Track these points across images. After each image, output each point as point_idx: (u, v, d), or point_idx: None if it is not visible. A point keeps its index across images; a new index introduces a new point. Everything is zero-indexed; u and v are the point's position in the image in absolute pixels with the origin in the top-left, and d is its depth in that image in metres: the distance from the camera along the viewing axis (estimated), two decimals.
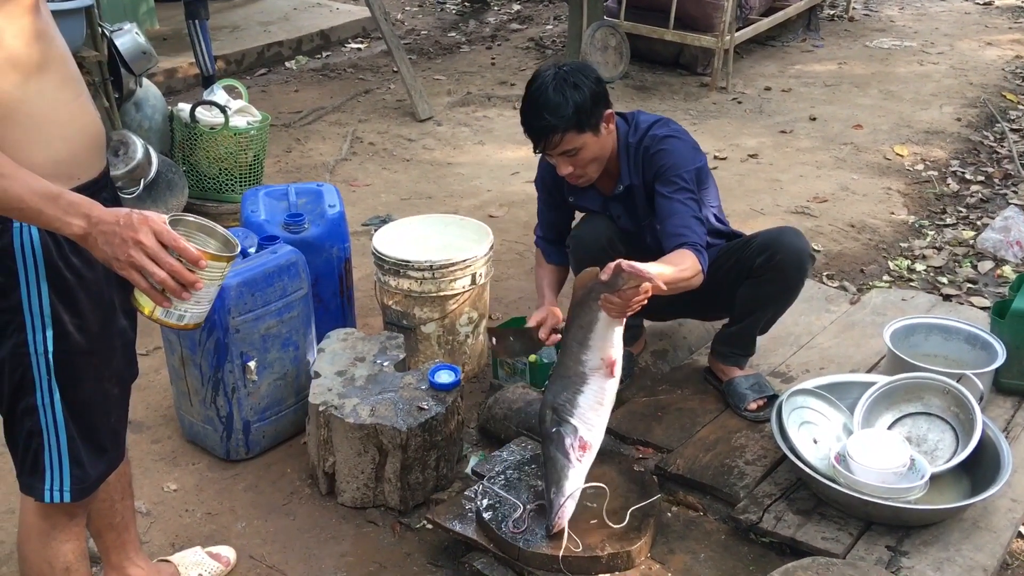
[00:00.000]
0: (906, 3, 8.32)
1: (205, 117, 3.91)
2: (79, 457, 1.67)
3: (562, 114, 2.31)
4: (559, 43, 7.10)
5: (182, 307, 1.47)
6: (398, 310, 2.99)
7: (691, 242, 2.34)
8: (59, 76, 1.53)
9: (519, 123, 2.50)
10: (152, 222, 1.40)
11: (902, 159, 4.92)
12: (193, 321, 1.51)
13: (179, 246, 1.41)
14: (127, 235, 1.38)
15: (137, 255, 1.39)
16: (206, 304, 1.52)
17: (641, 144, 2.48)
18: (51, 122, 1.51)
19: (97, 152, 1.64)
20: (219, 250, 1.52)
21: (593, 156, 2.42)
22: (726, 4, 5.95)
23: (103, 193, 1.65)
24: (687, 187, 2.41)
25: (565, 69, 2.36)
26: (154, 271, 1.39)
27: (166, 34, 6.42)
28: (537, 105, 2.34)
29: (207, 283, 1.47)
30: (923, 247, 3.96)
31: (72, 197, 1.41)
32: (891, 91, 6.01)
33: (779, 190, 4.55)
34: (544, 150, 2.42)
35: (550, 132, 2.33)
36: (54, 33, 1.55)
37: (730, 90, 6.09)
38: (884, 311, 3.14)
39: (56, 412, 1.62)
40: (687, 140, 2.51)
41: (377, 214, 4.33)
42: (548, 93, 2.32)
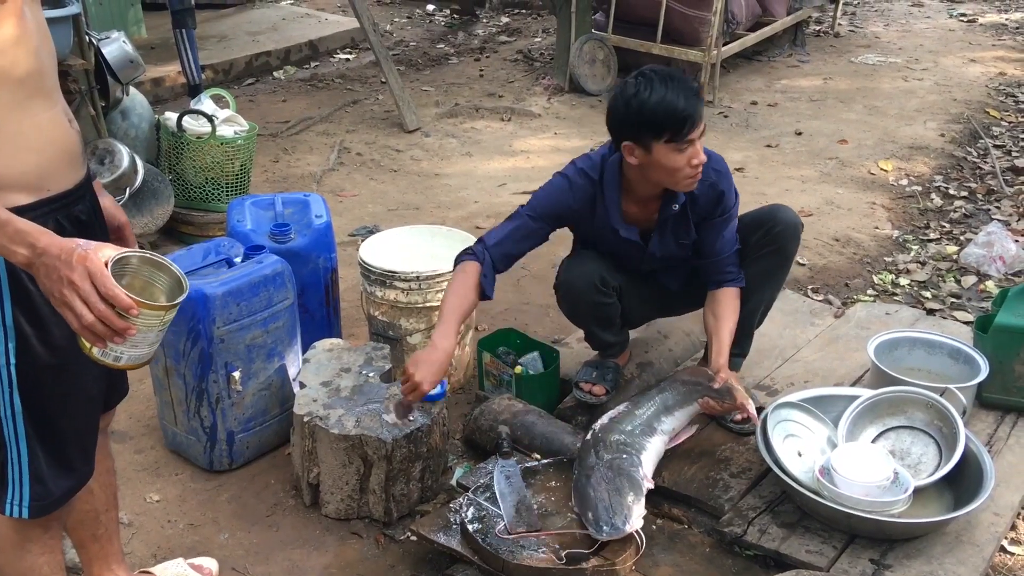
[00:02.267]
0: (891, 20, 8.41)
1: (192, 126, 3.90)
2: (40, 473, 1.63)
3: (702, 100, 2.35)
4: (547, 56, 7.14)
5: (118, 349, 1.42)
6: (384, 321, 2.99)
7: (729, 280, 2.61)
8: (31, 88, 1.49)
9: (507, 134, 2.48)
10: (90, 262, 1.35)
11: (887, 174, 4.96)
12: (132, 363, 1.46)
13: (109, 293, 1.35)
14: (63, 272, 1.34)
15: (69, 295, 1.34)
16: (146, 348, 1.46)
17: (707, 174, 2.48)
18: (19, 133, 1.48)
19: (70, 164, 1.60)
20: (169, 289, 1.48)
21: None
22: (713, 19, 5.99)
23: (78, 206, 1.62)
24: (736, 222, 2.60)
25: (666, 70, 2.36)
26: (82, 313, 1.34)
27: (154, 42, 6.40)
28: (681, 90, 2.28)
29: (143, 330, 1.41)
30: (907, 261, 3.99)
31: (20, 225, 1.37)
32: (876, 106, 6.06)
33: (764, 203, 4.56)
34: (693, 134, 2.31)
35: (700, 117, 2.32)
36: (34, 44, 1.51)
37: (717, 104, 6.13)
38: (868, 325, 3.15)
39: (18, 426, 1.59)
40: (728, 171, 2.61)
41: (364, 224, 4.33)
42: (681, 80, 2.30)
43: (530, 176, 4.95)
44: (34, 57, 1.50)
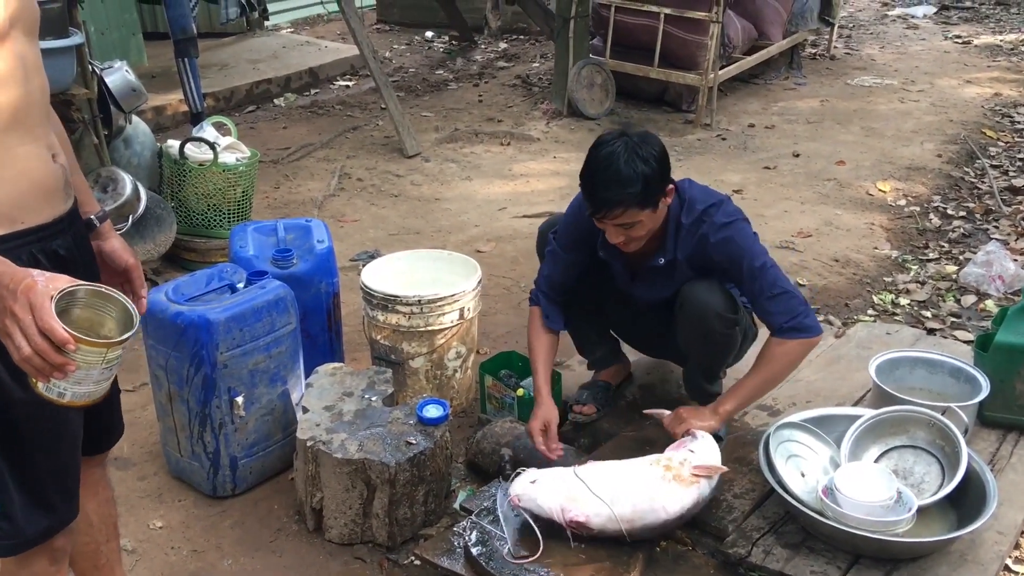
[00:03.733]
0: (886, 42, 8.48)
1: (194, 154, 3.93)
2: (10, 511, 1.59)
3: (630, 190, 2.26)
4: (546, 80, 7.19)
5: (61, 385, 1.37)
6: (386, 345, 3.00)
7: (775, 328, 2.41)
8: (9, 121, 1.48)
9: (506, 158, 2.51)
10: (34, 293, 1.32)
11: (884, 195, 4.98)
12: (77, 400, 1.41)
13: (46, 326, 1.31)
14: (7, 303, 1.31)
15: (10, 326, 1.31)
16: (91, 385, 1.41)
17: (697, 230, 2.43)
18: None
19: (47, 199, 1.57)
20: (121, 324, 1.44)
21: (647, 230, 2.39)
22: (710, 43, 6.04)
23: (57, 240, 1.59)
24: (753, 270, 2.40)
25: (634, 140, 2.30)
26: (20, 346, 1.31)
27: (155, 71, 6.45)
28: (606, 176, 2.28)
29: (83, 366, 1.36)
30: (907, 281, 4.00)
31: None
32: (873, 128, 6.10)
33: (763, 225, 4.59)
34: (601, 219, 2.36)
35: (615, 206, 2.28)
36: (23, 78, 1.50)
37: (714, 127, 6.17)
38: (869, 345, 3.16)
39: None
40: (739, 216, 2.47)
41: (365, 249, 4.34)
42: (619, 165, 2.26)
43: (530, 200, 4.98)
44: (17, 92, 1.48)
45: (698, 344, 2.56)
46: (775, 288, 2.39)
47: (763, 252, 2.43)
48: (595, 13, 6.55)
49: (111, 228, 1.80)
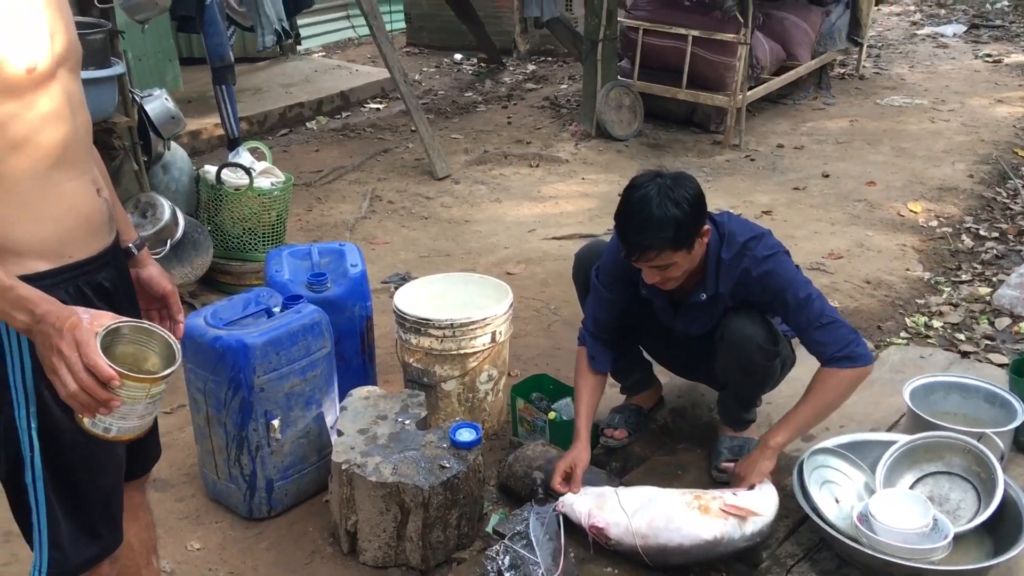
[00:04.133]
0: (916, 62, 8.44)
1: (230, 179, 4.00)
2: (59, 539, 1.62)
3: (663, 234, 2.26)
4: (574, 102, 7.23)
5: (106, 420, 1.42)
6: (419, 368, 3.03)
7: (826, 358, 2.38)
8: (58, 158, 1.52)
9: (535, 180, 2.53)
10: (79, 331, 1.36)
11: (916, 216, 4.96)
12: (122, 435, 1.46)
13: (91, 362, 1.35)
14: (53, 341, 1.36)
15: (57, 363, 1.36)
16: (135, 420, 1.45)
17: (739, 264, 2.42)
18: (40, 202, 1.50)
19: (93, 233, 1.61)
20: (164, 358, 1.47)
21: (683, 270, 2.39)
22: (737, 64, 6.06)
23: (102, 272, 1.63)
24: (799, 302, 2.39)
25: (667, 182, 2.31)
26: (67, 383, 1.35)
27: (191, 96, 6.57)
28: (639, 219, 2.28)
29: (128, 401, 1.40)
30: (940, 304, 3.98)
31: (23, 291, 1.39)
32: (903, 148, 6.08)
33: (794, 246, 4.54)
34: (635, 261, 2.37)
35: (647, 249, 2.29)
36: (69, 115, 1.54)
37: (743, 147, 6.18)
38: (902, 369, 3.15)
39: (39, 491, 1.58)
40: (781, 249, 2.47)
41: (396, 271, 4.39)
42: (651, 208, 2.26)
43: (559, 221, 5.01)
44: (64, 129, 1.53)
45: (738, 375, 2.57)
46: (823, 318, 2.37)
47: (807, 283, 2.43)
48: (623, 35, 6.59)
49: (148, 255, 1.84)
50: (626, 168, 5.88)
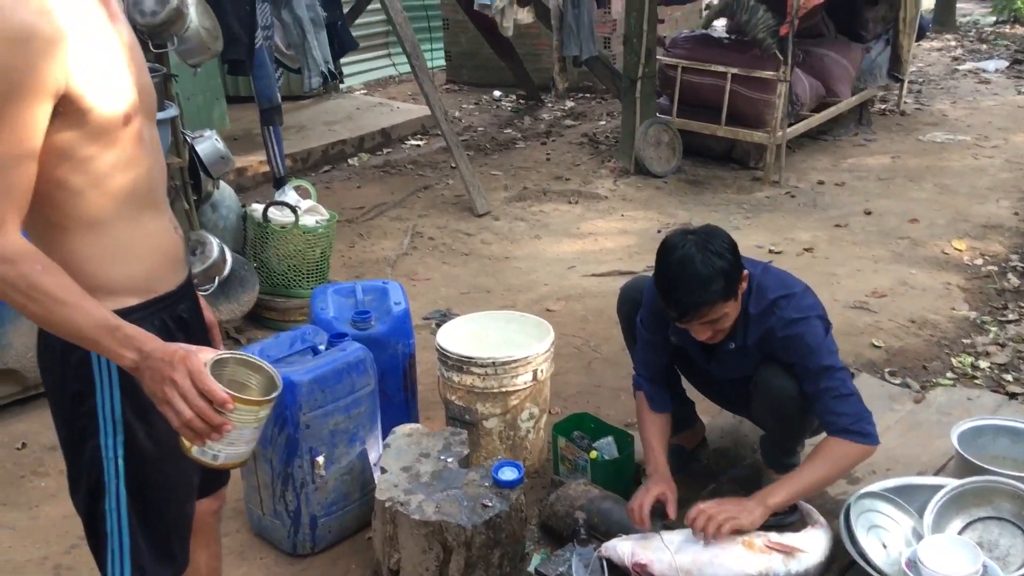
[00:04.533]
0: (958, 97, 8.39)
1: (277, 217, 4.08)
2: (141, 563, 1.67)
3: (714, 288, 2.27)
4: (612, 138, 7.28)
5: (216, 447, 1.48)
6: (461, 405, 3.05)
7: (838, 427, 2.36)
8: (144, 200, 1.60)
9: (574, 217, 2.54)
10: (190, 361, 1.43)
11: (960, 253, 4.91)
12: (229, 461, 1.52)
13: (206, 388, 1.42)
14: (165, 372, 1.42)
15: (170, 393, 1.42)
16: (243, 446, 1.52)
17: (766, 321, 2.43)
18: (131, 241, 1.59)
19: (173, 268, 1.71)
20: (262, 388, 1.55)
21: (731, 319, 2.40)
22: (777, 102, 6.07)
23: (181, 305, 1.72)
24: (822, 369, 2.38)
25: (702, 237, 2.32)
26: (181, 410, 1.42)
27: (237, 134, 6.72)
28: (686, 280, 2.28)
29: (239, 426, 1.47)
30: (986, 344, 3.93)
31: (129, 330, 1.45)
32: (946, 185, 6.03)
33: (836, 284, 4.56)
34: (688, 322, 2.37)
35: (700, 307, 2.29)
36: (150, 159, 1.62)
37: (783, 184, 6.17)
38: (949, 411, 3.11)
39: (122, 517, 1.64)
40: (813, 313, 2.44)
41: (437, 308, 4.43)
42: (696, 267, 2.26)
43: (598, 258, 5.03)
44: (147, 173, 1.61)
45: (774, 424, 2.57)
46: (844, 389, 2.37)
47: (833, 352, 2.41)
48: (661, 73, 6.63)
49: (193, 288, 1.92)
50: (665, 204, 5.90)
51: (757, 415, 2.61)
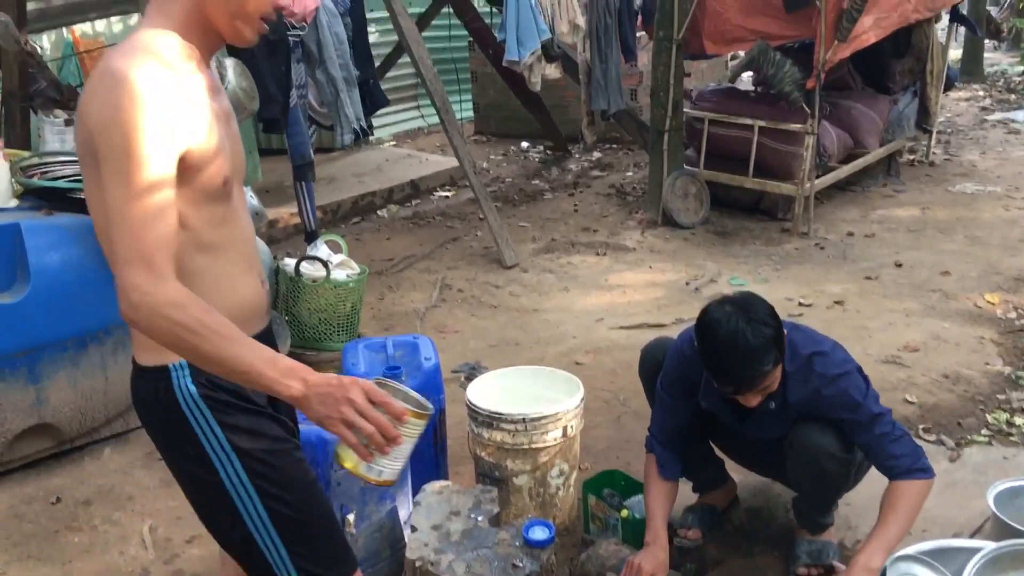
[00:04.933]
0: (987, 148, 8.37)
1: (308, 271, 4.14)
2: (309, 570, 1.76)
3: (769, 358, 2.30)
4: (640, 189, 7.32)
5: (382, 462, 1.61)
6: (490, 461, 3.05)
7: (901, 470, 2.39)
8: (234, 254, 1.74)
9: (603, 269, 2.56)
10: (363, 383, 1.57)
11: (993, 307, 4.86)
12: (390, 477, 1.65)
13: (386, 401, 1.56)
14: (340, 394, 1.53)
15: (348, 411, 1.53)
16: (402, 461, 1.65)
17: (806, 379, 2.44)
18: (228, 291, 1.72)
19: (257, 317, 1.84)
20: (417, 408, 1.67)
21: (778, 381, 2.42)
22: (805, 153, 6.09)
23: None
24: (873, 417, 2.41)
25: (743, 307, 2.34)
26: (363, 425, 1.53)
27: (269, 186, 6.84)
28: (740, 355, 2.29)
29: (407, 439, 1.61)
30: (1021, 399, 3.87)
31: (287, 362, 1.57)
32: (977, 236, 5.99)
33: (868, 338, 4.53)
34: (745, 393, 2.38)
35: (759, 378, 2.32)
36: (242, 218, 1.78)
37: (812, 235, 6.16)
38: (985, 470, 3.07)
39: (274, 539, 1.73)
40: (850, 367, 2.48)
41: (467, 361, 4.44)
42: (748, 339, 2.27)
43: (626, 311, 5.03)
44: (241, 231, 1.77)
45: (810, 483, 2.55)
46: (896, 432, 2.41)
47: (877, 399, 2.45)
48: (688, 125, 6.69)
49: None
50: (693, 256, 5.91)
51: (793, 474, 2.59)
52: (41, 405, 3.36)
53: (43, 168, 3.62)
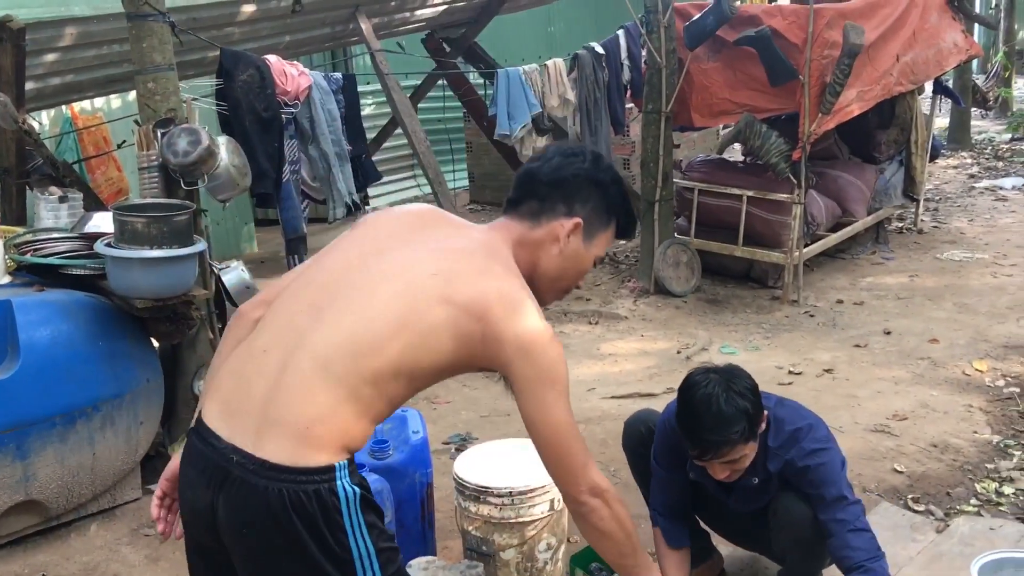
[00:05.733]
0: (975, 215, 8.47)
1: None
2: None
3: (736, 428, 2.34)
4: (632, 258, 7.39)
5: None
6: (478, 536, 3.04)
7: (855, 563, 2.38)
8: None
9: (594, 337, 2.61)
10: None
11: (982, 375, 4.89)
12: None
13: None
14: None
15: None
16: None
17: (786, 454, 2.49)
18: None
19: None
20: None
21: (749, 460, 2.46)
22: (793, 223, 6.17)
23: None
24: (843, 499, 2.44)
25: (725, 376, 2.40)
26: None
27: (263, 257, 6.91)
28: (710, 419, 2.34)
29: None
30: (1010, 468, 3.87)
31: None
32: (965, 304, 6.04)
33: (857, 407, 4.54)
34: (708, 460, 2.42)
35: (722, 446, 2.36)
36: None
37: (802, 303, 6.21)
38: (972, 541, 3.06)
39: None
40: (829, 445, 2.51)
41: (457, 432, 4.45)
42: (720, 406, 2.33)
43: (618, 380, 5.05)
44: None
45: (794, 551, 2.56)
46: (859, 523, 2.41)
47: (849, 485, 2.47)
48: (679, 195, 6.79)
49: None
50: (685, 325, 5.95)
51: (776, 543, 2.59)
52: (28, 481, 3.36)
53: (36, 244, 3.67)
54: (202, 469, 1.72)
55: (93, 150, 6.03)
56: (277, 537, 1.65)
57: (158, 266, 3.44)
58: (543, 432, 1.82)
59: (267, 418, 1.68)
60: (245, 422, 1.70)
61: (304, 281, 1.88)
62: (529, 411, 1.82)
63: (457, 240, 1.90)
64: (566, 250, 1.94)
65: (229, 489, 1.66)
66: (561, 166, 1.95)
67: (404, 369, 1.73)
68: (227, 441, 1.69)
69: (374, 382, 1.71)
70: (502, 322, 1.74)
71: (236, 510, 1.66)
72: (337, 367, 1.69)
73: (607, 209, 1.97)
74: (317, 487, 1.64)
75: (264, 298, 1.99)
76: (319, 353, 1.70)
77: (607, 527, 1.87)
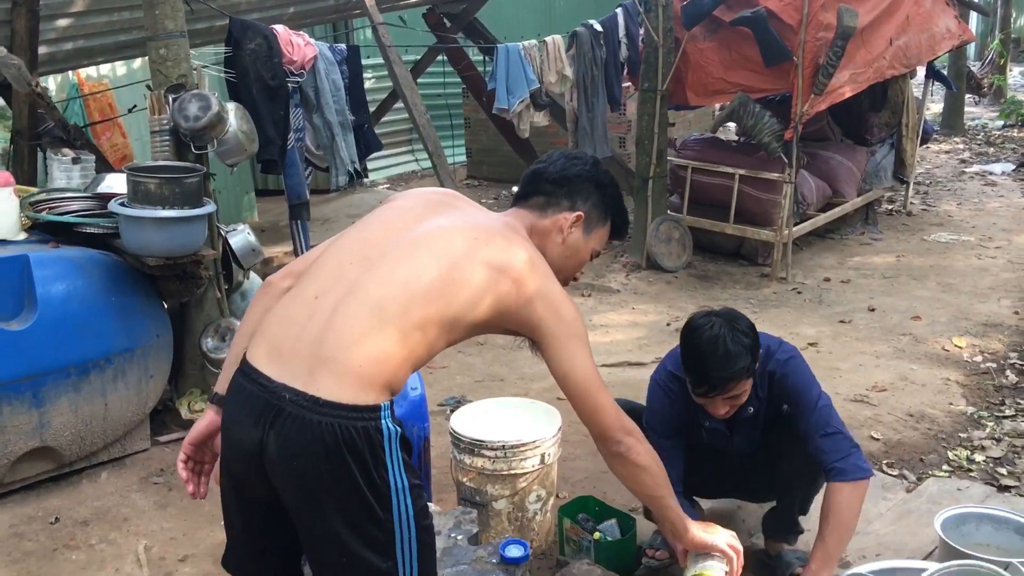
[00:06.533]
0: (963, 199, 8.62)
1: None
2: None
3: (743, 364, 2.50)
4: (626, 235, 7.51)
5: None
6: (472, 487, 3.20)
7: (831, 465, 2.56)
8: None
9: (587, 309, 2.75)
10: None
11: (961, 351, 5.05)
12: None
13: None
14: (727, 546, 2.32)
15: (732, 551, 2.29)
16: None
17: (767, 370, 2.68)
18: None
19: None
20: None
21: (747, 393, 2.63)
22: (783, 202, 6.32)
23: None
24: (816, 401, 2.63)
25: (727, 318, 2.56)
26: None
27: (264, 225, 7.03)
28: (719, 357, 2.49)
29: None
30: (982, 438, 4.04)
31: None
32: (949, 283, 6.20)
33: (838, 378, 4.71)
34: (713, 396, 2.57)
35: (729, 381, 2.51)
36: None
37: (790, 280, 6.36)
38: (939, 500, 3.23)
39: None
40: (796, 353, 2.73)
41: (452, 395, 4.60)
42: (727, 345, 2.49)
43: (609, 350, 5.21)
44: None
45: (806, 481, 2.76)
46: (829, 427, 2.59)
47: (819, 387, 2.67)
48: (672, 173, 6.93)
49: None
50: (675, 299, 6.10)
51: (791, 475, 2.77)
52: (43, 429, 3.51)
53: (51, 203, 3.80)
54: (251, 408, 1.79)
55: (99, 116, 6.15)
56: (327, 470, 1.73)
57: (170, 226, 3.57)
58: (576, 381, 2.01)
59: (320, 357, 1.78)
60: (296, 362, 1.80)
61: (349, 240, 2.02)
62: (560, 363, 2.01)
63: (484, 218, 2.09)
64: (568, 240, 2.14)
65: (282, 425, 1.74)
66: (566, 167, 2.17)
67: (447, 320, 1.87)
68: (278, 381, 1.79)
69: (422, 327, 1.84)
70: (534, 284, 1.94)
71: (289, 444, 1.73)
72: (390, 310, 1.82)
73: (605, 208, 2.18)
74: (366, 424, 1.74)
75: (292, 269, 2.12)
76: (372, 297, 1.83)
77: (644, 461, 2.06)
